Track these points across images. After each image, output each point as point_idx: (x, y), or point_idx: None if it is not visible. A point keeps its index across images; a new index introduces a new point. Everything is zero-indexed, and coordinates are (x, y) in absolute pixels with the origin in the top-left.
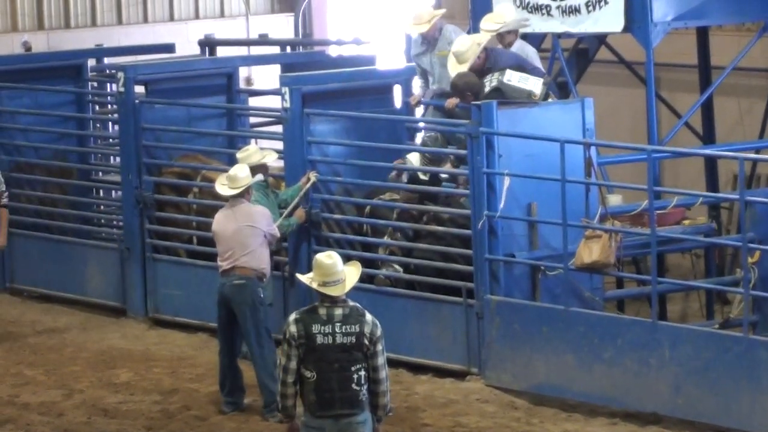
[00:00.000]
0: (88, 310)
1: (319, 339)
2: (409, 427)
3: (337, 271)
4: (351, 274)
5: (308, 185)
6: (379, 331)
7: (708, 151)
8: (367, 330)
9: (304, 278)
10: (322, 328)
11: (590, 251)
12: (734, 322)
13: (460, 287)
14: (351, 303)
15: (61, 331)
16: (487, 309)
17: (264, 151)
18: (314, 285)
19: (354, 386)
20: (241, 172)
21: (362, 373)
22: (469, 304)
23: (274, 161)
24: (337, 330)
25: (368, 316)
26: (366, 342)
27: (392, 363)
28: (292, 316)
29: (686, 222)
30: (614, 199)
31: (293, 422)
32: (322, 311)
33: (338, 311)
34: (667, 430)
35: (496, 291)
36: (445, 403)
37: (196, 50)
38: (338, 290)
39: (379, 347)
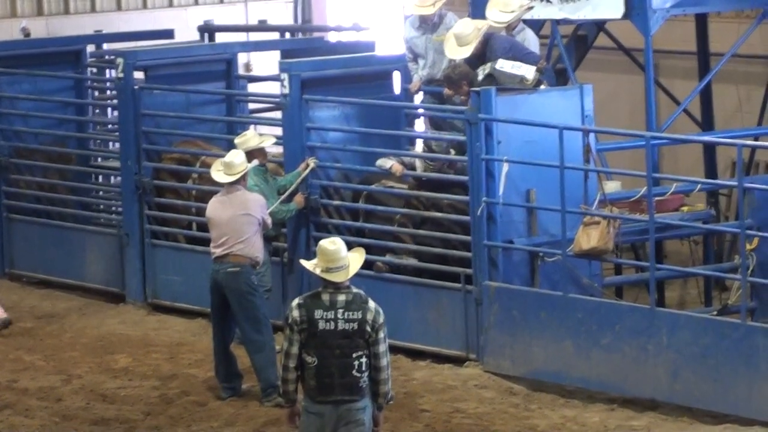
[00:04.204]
0: (87, 296)
1: (321, 324)
2: (408, 413)
3: (340, 257)
4: (355, 260)
5: (307, 171)
6: (381, 319)
7: (706, 138)
8: (369, 317)
9: (308, 264)
10: (325, 313)
11: (589, 238)
12: (732, 309)
13: (458, 273)
14: (354, 289)
15: (60, 317)
16: (486, 295)
17: (262, 136)
18: (317, 271)
19: (355, 373)
20: (237, 158)
21: (363, 360)
22: (468, 291)
23: (271, 145)
24: (339, 316)
25: (371, 303)
26: (368, 329)
27: (391, 349)
28: (295, 301)
29: (685, 208)
30: (613, 186)
31: (294, 407)
32: (325, 297)
33: (341, 297)
34: (664, 416)
35: (495, 277)
36: (443, 389)
37: (196, 36)
38: (341, 276)
39: (381, 334)
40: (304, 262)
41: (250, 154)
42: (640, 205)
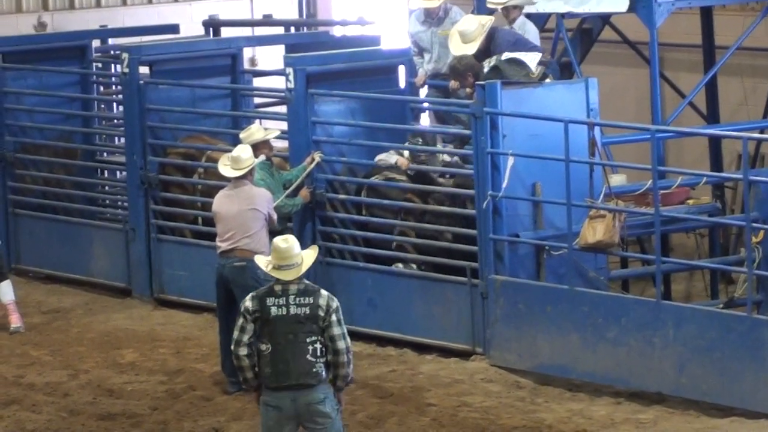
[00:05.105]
0: (94, 291)
1: (274, 311)
2: (414, 407)
3: (292, 255)
4: (308, 257)
5: (312, 165)
6: (335, 304)
7: (712, 131)
8: (322, 302)
9: (261, 262)
10: (277, 300)
11: (594, 231)
12: (738, 302)
13: (464, 267)
14: (307, 281)
15: (66, 312)
16: (492, 289)
17: (267, 130)
18: (269, 269)
19: (309, 357)
20: (244, 153)
21: (318, 345)
22: (474, 284)
23: (276, 138)
24: (291, 302)
25: (324, 292)
26: (321, 313)
27: (397, 342)
28: (250, 295)
29: (690, 201)
30: (618, 179)
31: (259, 389)
32: (278, 288)
33: (294, 287)
34: (670, 409)
35: (501, 271)
36: (449, 383)
37: (201, 31)
38: (292, 274)
39: (335, 318)
40: (258, 260)
41: (256, 148)
42: (646, 199)
